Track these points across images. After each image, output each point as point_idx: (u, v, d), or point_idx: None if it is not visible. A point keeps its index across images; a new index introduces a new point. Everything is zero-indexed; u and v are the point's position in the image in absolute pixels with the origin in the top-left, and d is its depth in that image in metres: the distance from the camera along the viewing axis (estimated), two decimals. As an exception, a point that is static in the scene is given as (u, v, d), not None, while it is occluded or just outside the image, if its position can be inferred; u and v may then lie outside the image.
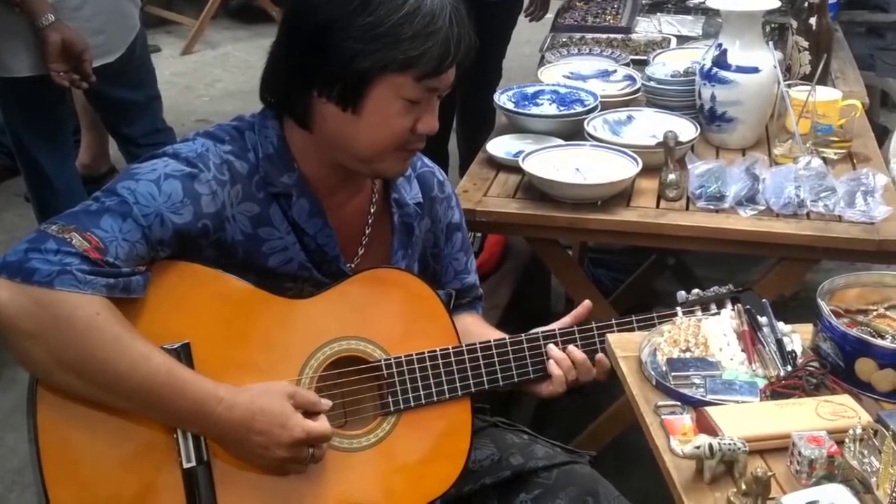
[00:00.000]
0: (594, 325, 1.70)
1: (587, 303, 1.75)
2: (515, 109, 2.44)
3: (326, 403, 1.51)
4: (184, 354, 1.44)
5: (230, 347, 1.49)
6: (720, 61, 2.33)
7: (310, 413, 1.48)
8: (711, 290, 1.72)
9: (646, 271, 3.21)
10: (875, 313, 1.57)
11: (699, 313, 1.67)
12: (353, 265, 1.64)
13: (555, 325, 1.72)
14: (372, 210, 1.67)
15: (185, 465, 1.44)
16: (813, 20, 2.61)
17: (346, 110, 1.49)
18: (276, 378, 1.50)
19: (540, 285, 3.05)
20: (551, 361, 1.67)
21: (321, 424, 1.48)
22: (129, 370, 1.38)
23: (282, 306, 1.53)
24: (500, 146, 2.35)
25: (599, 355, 1.67)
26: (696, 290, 1.73)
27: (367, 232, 1.66)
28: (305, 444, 1.46)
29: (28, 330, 1.35)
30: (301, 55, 1.50)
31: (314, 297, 1.56)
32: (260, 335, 1.51)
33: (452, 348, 1.62)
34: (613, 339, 1.61)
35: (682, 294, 1.72)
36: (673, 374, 1.48)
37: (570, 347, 1.67)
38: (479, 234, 2.65)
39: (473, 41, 1.51)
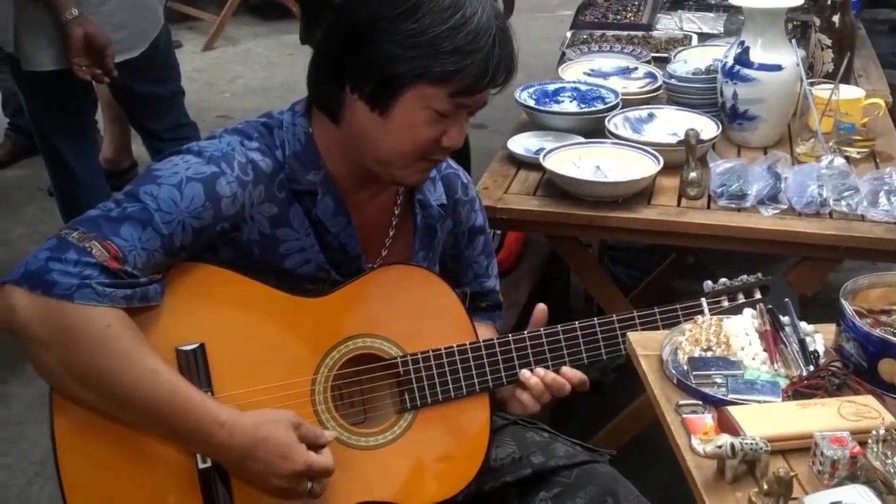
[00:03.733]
0: (615, 318, 1.69)
1: (541, 306, 1.73)
2: (536, 107, 2.44)
3: (330, 435, 1.49)
4: (199, 355, 1.45)
5: (245, 348, 1.49)
6: (742, 59, 2.32)
7: (313, 446, 1.46)
8: (739, 279, 1.71)
9: (665, 270, 3.20)
10: (899, 314, 1.56)
11: (725, 303, 1.66)
12: (374, 265, 1.64)
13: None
14: (396, 211, 1.67)
15: (201, 466, 1.44)
16: (836, 18, 2.60)
17: (374, 111, 1.49)
18: (291, 378, 1.51)
19: (559, 283, 3.05)
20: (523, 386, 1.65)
21: (324, 458, 1.46)
22: (133, 385, 1.38)
23: (297, 305, 1.53)
24: (520, 143, 2.35)
25: (572, 372, 1.65)
26: (723, 280, 1.72)
27: (390, 233, 1.66)
28: (305, 477, 1.45)
29: (40, 338, 1.36)
30: (341, 48, 1.50)
31: (329, 295, 1.56)
32: (275, 335, 1.51)
33: (470, 344, 1.61)
34: (634, 337, 1.60)
35: (708, 283, 1.71)
36: (694, 373, 1.47)
37: (540, 371, 1.65)
38: (498, 232, 2.65)
39: (515, 66, 1.51)
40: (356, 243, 1.59)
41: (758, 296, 1.68)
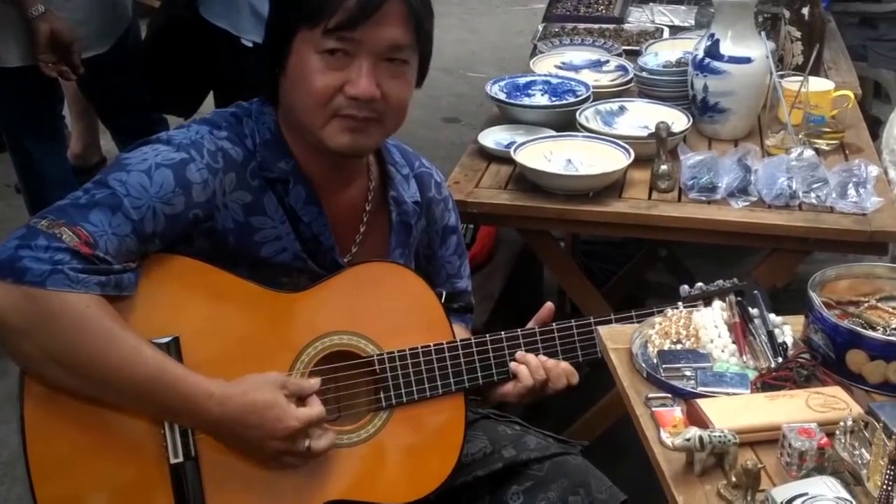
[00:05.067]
0: (592, 319, 1.69)
1: (549, 305, 1.73)
2: (507, 100, 2.44)
3: (315, 381, 1.49)
4: (173, 349, 1.44)
5: (220, 342, 1.48)
6: (712, 51, 2.32)
7: (302, 399, 1.47)
8: (715, 283, 1.71)
9: (638, 263, 3.21)
10: (866, 305, 1.57)
11: (701, 308, 1.66)
12: (347, 259, 1.63)
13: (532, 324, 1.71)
14: (368, 207, 1.66)
15: (173, 461, 1.43)
16: (805, 10, 2.61)
17: (281, 75, 1.51)
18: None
19: (532, 277, 3.05)
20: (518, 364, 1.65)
21: (313, 409, 1.47)
22: (118, 364, 1.37)
23: (273, 300, 1.52)
24: (491, 137, 2.35)
25: (564, 363, 1.66)
26: (699, 285, 1.71)
27: (361, 230, 1.65)
28: (301, 434, 1.45)
29: (18, 326, 1.34)
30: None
31: (306, 291, 1.55)
32: (251, 330, 1.50)
33: (447, 344, 1.61)
34: (605, 331, 1.61)
35: (685, 288, 1.70)
36: (664, 366, 1.48)
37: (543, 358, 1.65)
38: (470, 226, 2.64)
39: None
40: (329, 234, 1.58)
41: (736, 298, 1.67)
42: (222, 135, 1.52)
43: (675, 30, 3.14)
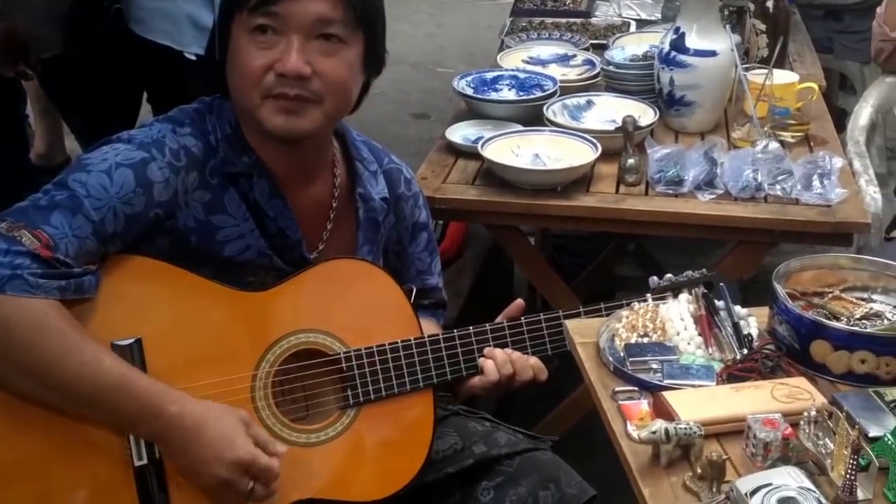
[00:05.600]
0: (561, 313, 1.69)
1: (519, 301, 1.73)
2: (474, 95, 2.43)
3: (282, 447, 1.47)
4: (136, 351, 1.42)
5: (184, 343, 1.47)
6: (678, 45, 2.33)
7: (263, 448, 1.43)
8: (684, 274, 1.72)
9: (607, 256, 3.22)
10: (831, 295, 1.58)
11: (670, 299, 1.66)
12: (314, 255, 1.62)
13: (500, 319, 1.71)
14: (334, 204, 1.65)
15: (137, 464, 1.42)
16: (770, 3, 2.63)
17: (224, 63, 1.52)
18: (231, 374, 1.48)
19: (502, 272, 3.05)
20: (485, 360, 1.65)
21: (270, 460, 1.43)
22: (77, 372, 1.36)
23: (238, 299, 1.51)
24: (459, 132, 2.34)
25: (533, 359, 1.67)
26: (668, 276, 1.72)
27: (328, 227, 1.64)
28: (248, 472, 1.42)
29: None
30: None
31: (271, 290, 1.54)
32: (215, 329, 1.49)
33: (414, 339, 1.60)
34: (572, 325, 1.61)
35: (654, 279, 1.71)
36: (631, 359, 1.48)
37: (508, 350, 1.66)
38: (440, 222, 2.63)
39: None
40: (296, 227, 1.57)
41: (703, 290, 1.68)
42: (185, 131, 1.51)
43: (642, 23, 3.15)
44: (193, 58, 2.32)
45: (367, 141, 1.74)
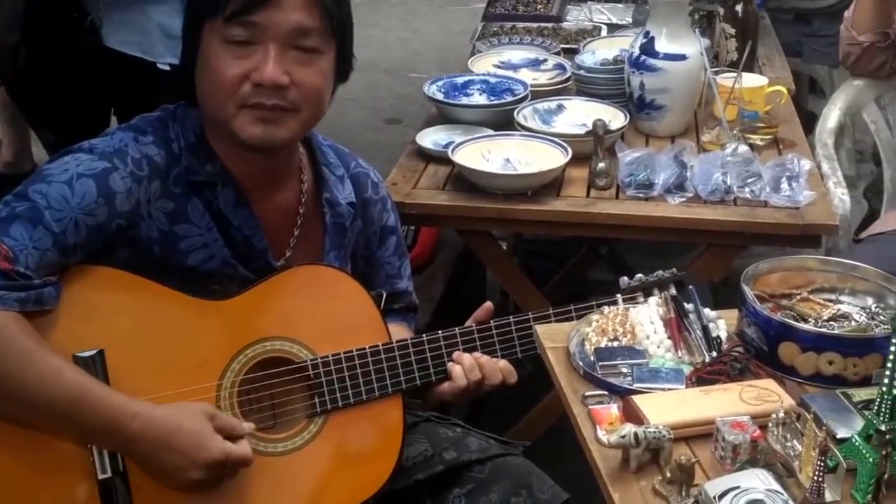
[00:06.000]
0: (531, 315, 1.69)
1: (488, 304, 1.72)
2: (445, 100, 2.43)
3: (248, 426, 1.46)
4: (98, 362, 1.40)
5: (147, 353, 1.45)
6: (648, 49, 2.34)
7: (231, 437, 1.43)
8: (654, 275, 1.72)
9: (579, 261, 3.22)
10: (799, 297, 1.58)
11: (640, 299, 1.67)
12: (282, 262, 1.60)
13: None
14: (301, 210, 1.63)
15: (101, 476, 1.40)
16: (739, 7, 2.64)
17: (193, 70, 1.49)
18: (195, 384, 1.47)
19: (475, 277, 3.05)
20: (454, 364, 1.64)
21: (241, 447, 1.43)
22: (38, 385, 1.34)
23: (201, 308, 1.49)
24: (429, 137, 2.33)
25: (503, 362, 1.65)
26: (638, 276, 1.72)
27: (295, 233, 1.63)
28: (223, 467, 1.42)
29: None
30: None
31: (236, 298, 1.52)
32: (178, 339, 1.47)
33: (382, 345, 1.59)
34: (542, 329, 1.60)
35: (624, 280, 1.71)
36: (601, 363, 1.48)
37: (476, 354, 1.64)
38: (412, 227, 2.63)
39: None
40: (261, 235, 1.56)
41: (673, 291, 1.69)
42: (148, 140, 1.49)
43: (614, 28, 3.16)
44: (167, 68, 2.30)
45: (333, 145, 1.72)
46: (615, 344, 1.53)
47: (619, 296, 1.67)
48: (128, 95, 2.39)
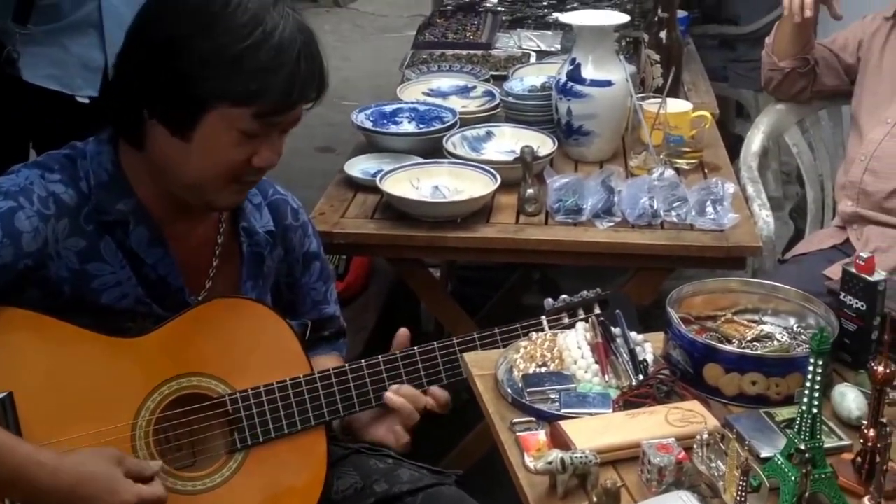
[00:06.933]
0: (455, 340, 1.68)
1: (403, 330, 1.71)
2: (373, 128, 2.42)
3: (156, 465, 1.43)
4: (8, 406, 1.36)
5: (58, 395, 1.41)
6: (574, 75, 2.36)
7: (141, 479, 1.40)
8: (578, 295, 1.72)
9: (513, 287, 3.23)
10: (723, 319, 1.60)
11: (565, 319, 1.67)
12: (199, 298, 1.57)
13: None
14: (219, 240, 1.61)
15: None
16: (664, 34, 2.68)
17: (175, 135, 1.43)
18: (109, 423, 1.43)
19: (409, 306, 3.03)
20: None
21: (153, 488, 1.40)
22: None
23: (113, 347, 1.45)
24: (357, 166, 2.32)
25: (433, 388, 1.64)
26: (563, 297, 1.73)
27: (214, 264, 1.60)
28: None
29: None
30: (137, 70, 1.44)
31: (149, 335, 1.49)
32: (91, 379, 1.43)
33: (304, 377, 1.56)
34: (470, 357, 1.60)
35: (549, 301, 1.72)
36: (528, 389, 1.47)
37: (404, 388, 1.63)
38: (343, 257, 2.61)
39: (325, 80, 1.48)
40: (176, 274, 1.53)
41: (598, 310, 1.70)
42: (55, 178, 1.45)
43: (543, 55, 3.18)
44: (87, 101, 2.26)
45: None
46: (543, 370, 1.53)
47: (543, 318, 1.68)
48: (47, 129, 2.33)
